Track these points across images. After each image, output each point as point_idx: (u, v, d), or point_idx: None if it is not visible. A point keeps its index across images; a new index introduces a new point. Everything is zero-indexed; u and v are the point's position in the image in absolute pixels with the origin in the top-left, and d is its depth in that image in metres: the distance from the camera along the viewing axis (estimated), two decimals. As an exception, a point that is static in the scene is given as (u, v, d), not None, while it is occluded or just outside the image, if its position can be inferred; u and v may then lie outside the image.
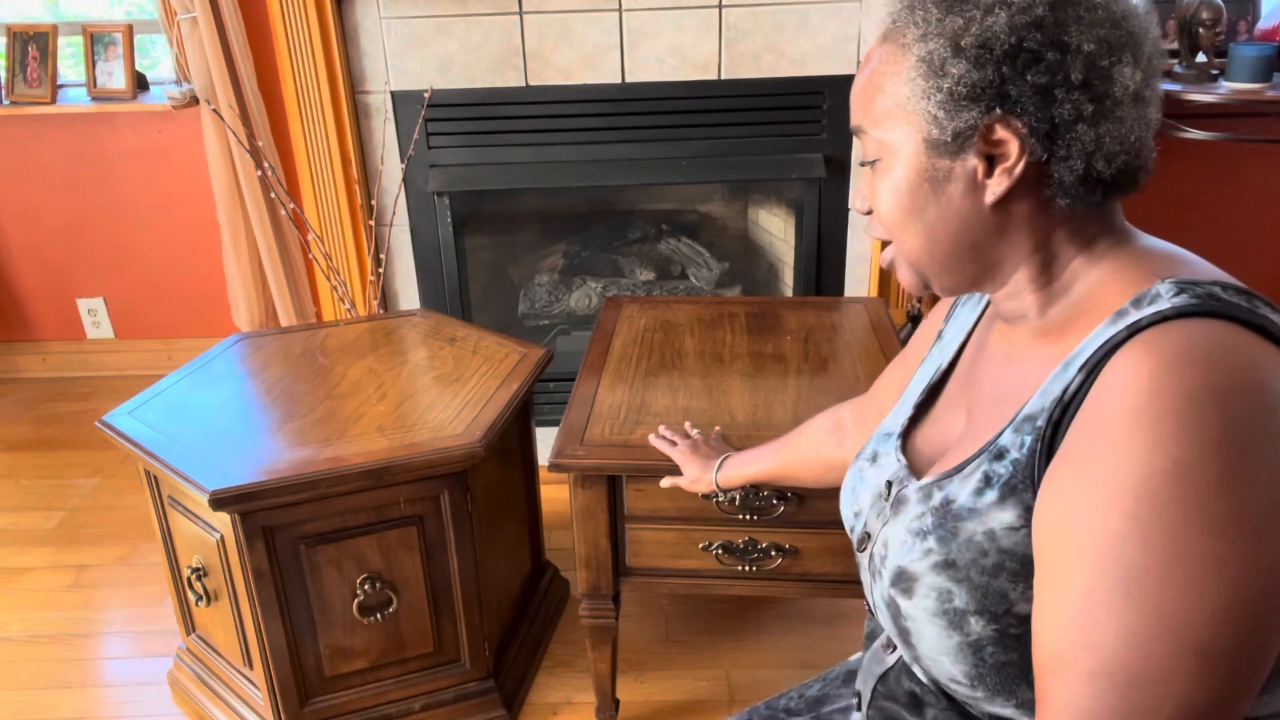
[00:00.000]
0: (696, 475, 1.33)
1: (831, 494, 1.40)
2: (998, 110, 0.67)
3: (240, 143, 2.51)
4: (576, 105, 2.31)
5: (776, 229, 2.65)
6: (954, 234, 0.73)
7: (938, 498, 0.75)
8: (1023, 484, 0.68)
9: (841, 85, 2.28)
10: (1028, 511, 0.67)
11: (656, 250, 2.80)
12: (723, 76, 2.28)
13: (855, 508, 0.89)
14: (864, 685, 0.90)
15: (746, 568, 1.47)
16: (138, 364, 3.06)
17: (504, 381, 1.66)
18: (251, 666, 1.57)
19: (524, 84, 2.30)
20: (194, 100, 2.54)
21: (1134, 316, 0.64)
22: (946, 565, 0.71)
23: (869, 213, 0.79)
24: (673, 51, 2.26)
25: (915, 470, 0.82)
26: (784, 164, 2.35)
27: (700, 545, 1.46)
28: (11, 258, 2.95)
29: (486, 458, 1.50)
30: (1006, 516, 0.68)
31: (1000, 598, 0.69)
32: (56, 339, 3.07)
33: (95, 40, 2.63)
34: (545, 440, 1.74)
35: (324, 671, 1.56)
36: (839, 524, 1.43)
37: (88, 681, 1.85)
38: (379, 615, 1.53)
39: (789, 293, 2.57)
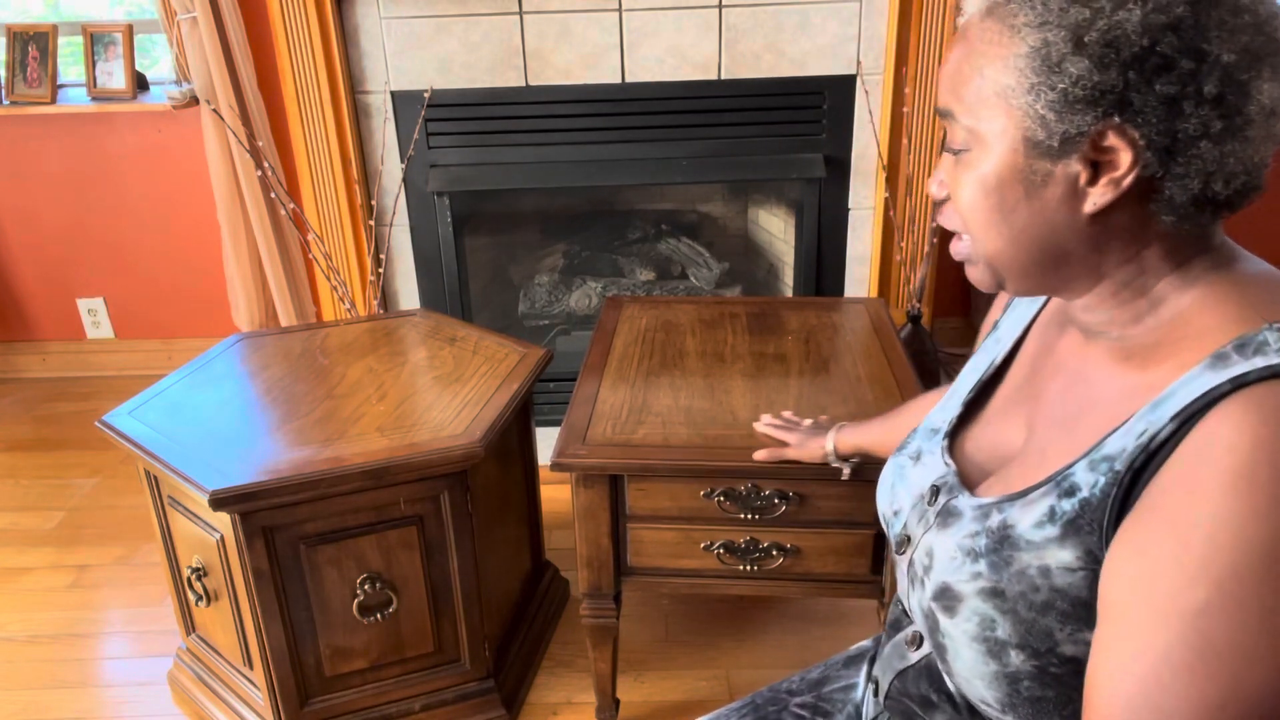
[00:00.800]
0: (807, 442, 1.33)
1: (832, 494, 1.41)
2: (1115, 118, 0.61)
3: (240, 143, 2.51)
4: (576, 105, 2.31)
5: (776, 229, 2.65)
6: (1042, 240, 0.67)
7: (995, 520, 0.70)
8: (1089, 526, 0.64)
9: (841, 85, 2.28)
10: (1089, 555, 0.64)
11: (656, 250, 2.79)
12: (723, 76, 2.28)
13: (894, 506, 0.85)
14: (882, 673, 0.89)
15: (748, 567, 1.47)
16: (138, 364, 3.06)
17: (504, 381, 1.66)
18: (251, 666, 1.57)
19: (524, 84, 2.30)
20: (194, 100, 2.54)
21: (1239, 367, 0.59)
22: (994, 593, 0.68)
23: (945, 200, 0.73)
24: (673, 51, 2.26)
25: (965, 477, 0.79)
26: (784, 164, 2.35)
27: (702, 545, 1.46)
28: (11, 258, 2.95)
29: (486, 458, 1.50)
30: (1065, 555, 0.65)
31: (1045, 636, 0.66)
32: (56, 339, 3.07)
33: (95, 40, 2.63)
34: (545, 440, 1.74)
35: (324, 671, 1.56)
36: (840, 524, 1.44)
37: (88, 681, 1.85)
38: (379, 615, 1.53)
39: (789, 293, 2.57)
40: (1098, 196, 0.64)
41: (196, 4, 2.39)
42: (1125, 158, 0.62)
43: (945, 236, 2.67)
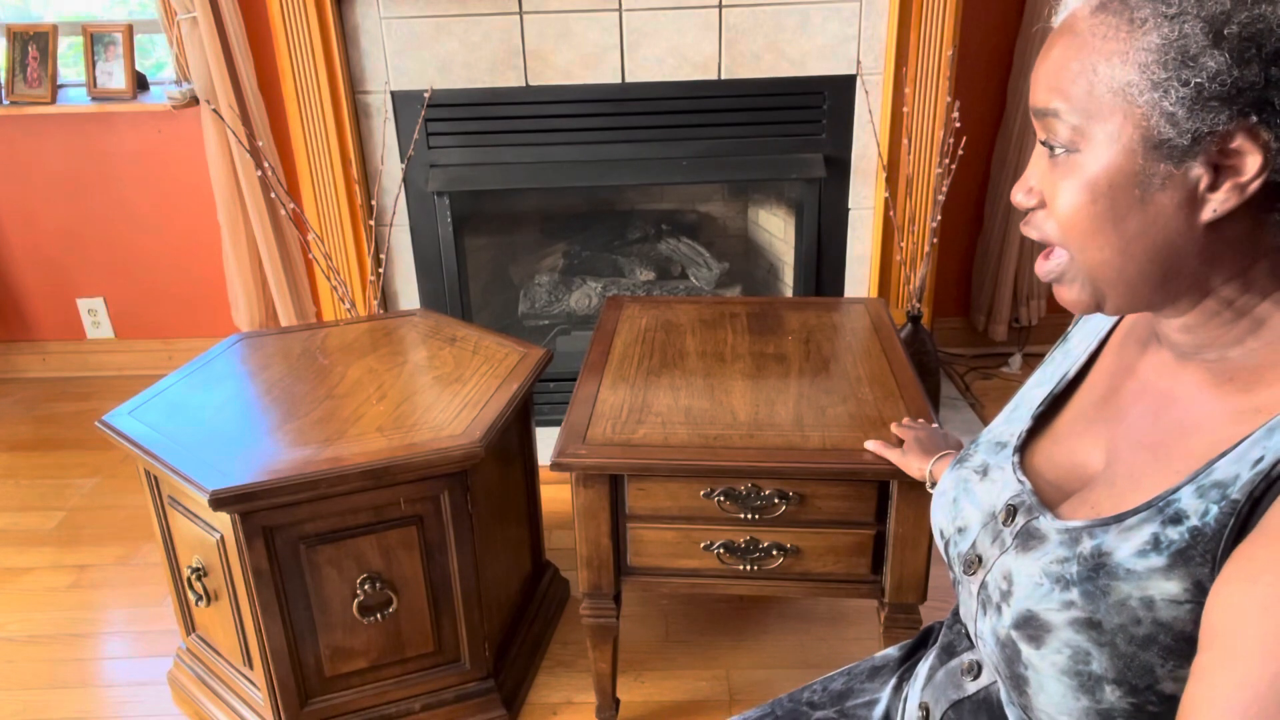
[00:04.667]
0: (912, 455, 1.31)
1: (832, 494, 1.41)
2: (1251, 118, 0.57)
3: (240, 143, 2.51)
4: (576, 105, 2.31)
5: (776, 229, 2.65)
6: (1152, 250, 0.63)
7: (1087, 546, 0.66)
8: (1201, 557, 0.60)
9: (841, 85, 2.28)
10: (1197, 587, 0.60)
11: (656, 250, 2.79)
12: (723, 76, 2.28)
13: (958, 523, 0.81)
14: (933, 701, 0.85)
15: (748, 567, 1.47)
16: (138, 364, 3.06)
17: (504, 381, 1.66)
18: (251, 666, 1.57)
19: (524, 84, 2.30)
20: (194, 100, 2.54)
21: None
22: (1089, 624, 0.64)
23: (1034, 209, 0.69)
24: (673, 51, 2.26)
25: (1040, 496, 0.75)
26: (784, 164, 2.35)
27: (701, 545, 1.46)
28: (11, 258, 2.95)
29: (486, 458, 1.50)
30: (1171, 587, 0.61)
31: (1145, 672, 0.62)
32: (56, 339, 3.07)
33: (95, 40, 2.63)
34: (545, 440, 1.74)
35: (324, 671, 1.56)
36: (840, 524, 1.44)
37: (88, 681, 1.84)
38: (379, 615, 1.53)
39: (789, 293, 2.57)
40: (1220, 202, 0.60)
41: (196, 4, 2.39)
42: (1253, 162, 0.59)
43: (945, 236, 2.69)
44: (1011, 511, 0.75)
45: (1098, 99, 0.62)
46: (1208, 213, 0.61)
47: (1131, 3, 0.61)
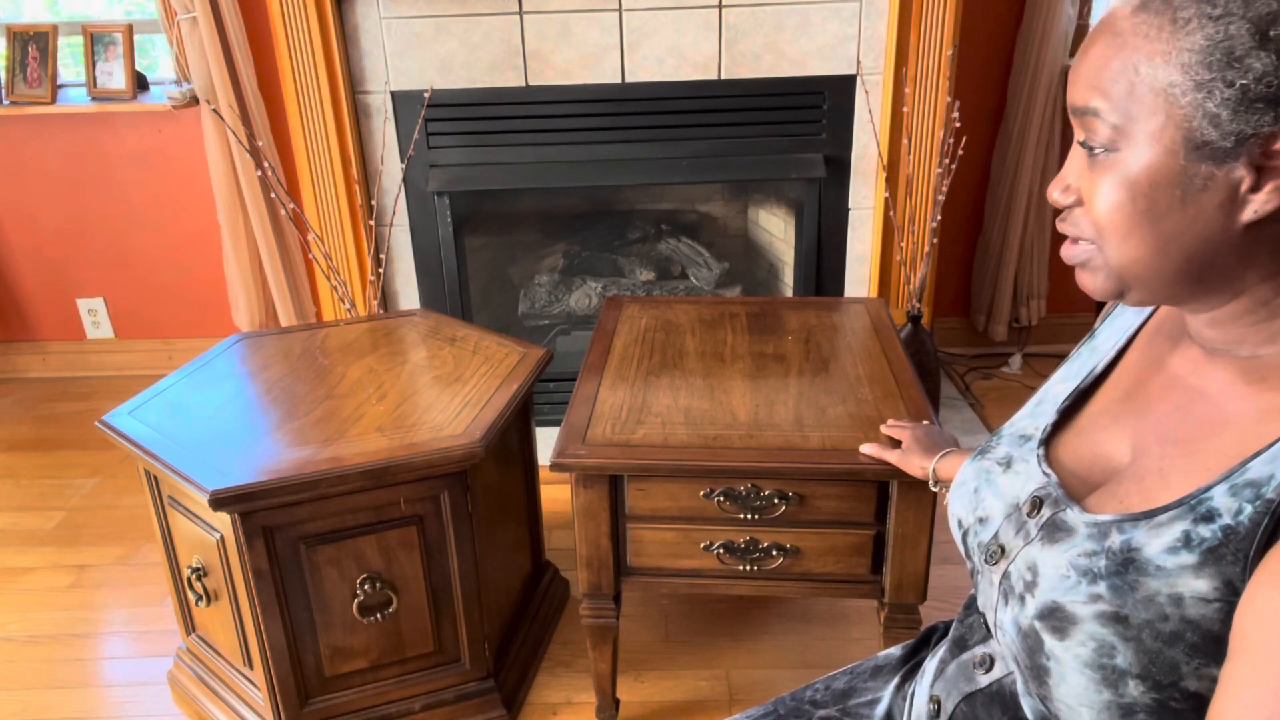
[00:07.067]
0: (912, 454, 1.30)
1: (832, 494, 1.41)
2: None
3: (240, 143, 2.51)
4: (576, 105, 2.31)
5: (776, 229, 2.65)
6: (1190, 249, 0.63)
7: (1116, 540, 0.66)
8: (1233, 556, 0.60)
9: (841, 85, 2.28)
10: (1228, 586, 0.60)
11: (656, 250, 2.79)
12: (723, 76, 2.28)
13: (979, 513, 0.81)
14: (945, 694, 0.85)
15: (747, 567, 1.47)
16: (138, 364, 3.06)
17: (504, 381, 1.66)
18: (251, 666, 1.57)
19: (524, 84, 2.30)
20: (194, 100, 2.54)
21: None
22: (1115, 619, 0.64)
23: (1073, 206, 0.69)
24: (673, 51, 2.26)
25: (1066, 488, 0.74)
26: (784, 164, 2.35)
27: (701, 545, 1.46)
28: (11, 258, 2.95)
29: (486, 458, 1.50)
30: (1201, 585, 0.61)
31: (1170, 668, 0.62)
32: (56, 339, 3.07)
33: (95, 40, 2.63)
34: (545, 440, 1.74)
35: (324, 671, 1.56)
36: (840, 524, 1.44)
37: (88, 681, 1.85)
38: (379, 615, 1.53)
39: (789, 293, 2.57)
40: (1261, 204, 0.60)
41: (196, 4, 2.39)
42: None
43: (945, 236, 2.69)
44: (1037, 503, 0.75)
45: (1139, 99, 0.62)
46: (1248, 214, 0.61)
47: (1175, 2, 0.60)
